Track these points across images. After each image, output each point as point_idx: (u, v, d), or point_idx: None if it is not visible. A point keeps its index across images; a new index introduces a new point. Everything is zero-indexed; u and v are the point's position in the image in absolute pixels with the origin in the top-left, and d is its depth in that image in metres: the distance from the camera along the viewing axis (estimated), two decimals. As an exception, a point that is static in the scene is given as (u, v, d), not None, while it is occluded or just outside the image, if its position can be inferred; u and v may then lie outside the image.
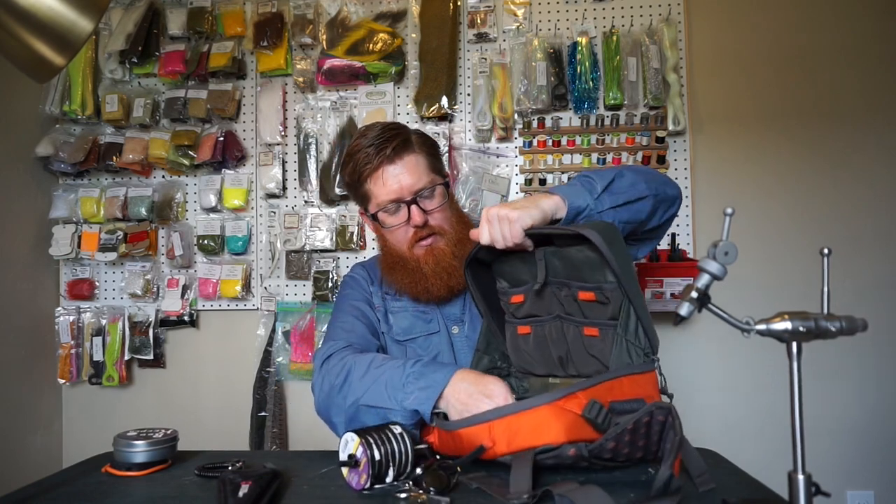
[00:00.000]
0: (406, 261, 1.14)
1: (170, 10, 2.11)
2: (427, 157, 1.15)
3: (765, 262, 1.93)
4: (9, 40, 0.81)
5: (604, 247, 0.85)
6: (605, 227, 0.89)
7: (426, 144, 1.17)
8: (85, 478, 0.86)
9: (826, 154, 1.95)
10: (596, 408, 0.77)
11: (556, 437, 0.77)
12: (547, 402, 0.78)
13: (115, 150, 2.08)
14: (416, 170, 1.12)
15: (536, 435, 0.78)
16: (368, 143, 1.12)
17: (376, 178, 1.12)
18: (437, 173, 1.16)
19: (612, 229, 0.91)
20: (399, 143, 1.12)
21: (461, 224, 1.16)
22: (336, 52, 2.01)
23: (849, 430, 1.90)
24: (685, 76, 1.95)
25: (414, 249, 1.13)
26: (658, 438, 0.76)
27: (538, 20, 2.02)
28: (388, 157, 1.11)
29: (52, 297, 2.15)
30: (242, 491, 0.71)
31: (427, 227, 1.12)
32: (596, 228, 0.87)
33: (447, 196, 1.16)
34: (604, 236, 0.86)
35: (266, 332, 2.05)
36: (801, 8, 1.97)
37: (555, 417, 0.77)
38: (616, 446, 0.76)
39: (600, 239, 0.85)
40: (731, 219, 0.63)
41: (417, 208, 1.11)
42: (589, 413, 0.76)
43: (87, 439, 2.09)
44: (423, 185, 1.12)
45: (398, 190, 1.11)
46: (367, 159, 1.12)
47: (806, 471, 0.60)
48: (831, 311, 0.62)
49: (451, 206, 1.17)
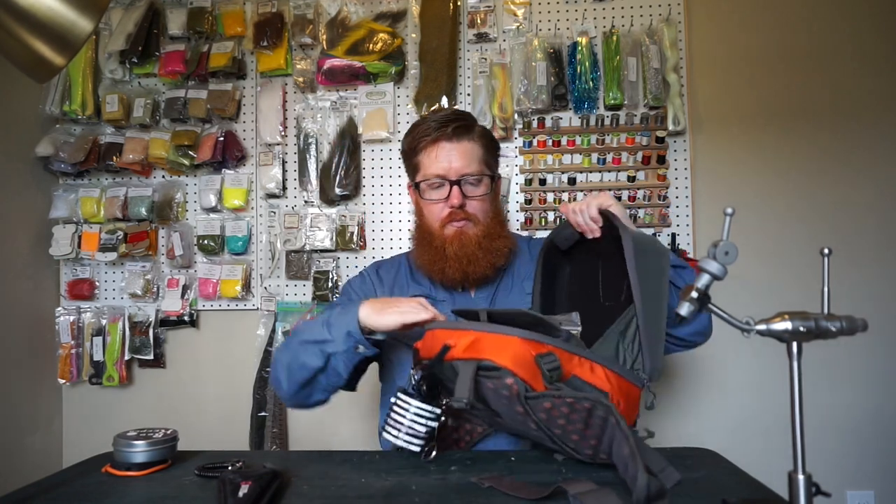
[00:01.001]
0: (433, 237, 1.18)
1: (170, 10, 2.11)
2: (483, 149, 1.19)
3: (765, 262, 1.93)
4: (9, 40, 0.81)
5: (630, 254, 0.90)
6: (651, 243, 0.95)
7: (486, 138, 1.22)
8: (85, 478, 0.86)
9: (826, 154, 1.95)
10: (550, 360, 0.79)
11: (503, 360, 0.78)
12: (520, 336, 0.81)
13: (115, 150, 2.08)
14: (469, 155, 1.16)
15: (492, 353, 0.80)
16: (433, 119, 1.18)
17: (429, 151, 1.17)
18: (487, 166, 1.20)
19: (660, 250, 0.95)
20: (461, 126, 1.17)
21: (496, 221, 1.19)
22: (336, 52, 2.01)
23: (849, 430, 1.90)
24: (685, 76, 1.95)
25: (445, 229, 1.17)
26: (604, 437, 0.77)
27: (538, 20, 2.02)
28: (447, 135, 1.15)
29: (52, 297, 2.15)
30: (242, 491, 0.71)
31: (462, 211, 1.16)
32: (643, 241, 0.93)
33: (491, 190, 1.19)
34: (641, 247, 0.91)
35: (266, 332, 2.05)
36: (802, 7, 1.97)
37: (513, 347, 0.80)
38: (552, 412, 0.77)
39: (632, 246, 0.91)
40: (731, 219, 0.63)
41: (458, 189, 1.15)
42: (541, 360, 0.79)
43: (87, 439, 2.09)
44: (471, 171, 1.16)
45: (446, 168, 1.15)
46: (427, 132, 1.17)
47: (806, 471, 0.60)
48: (831, 311, 0.62)
49: (493, 201, 1.21)
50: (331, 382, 1.06)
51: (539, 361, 0.79)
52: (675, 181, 1.94)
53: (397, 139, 2.05)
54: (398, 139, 2.05)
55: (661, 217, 1.92)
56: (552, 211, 1.95)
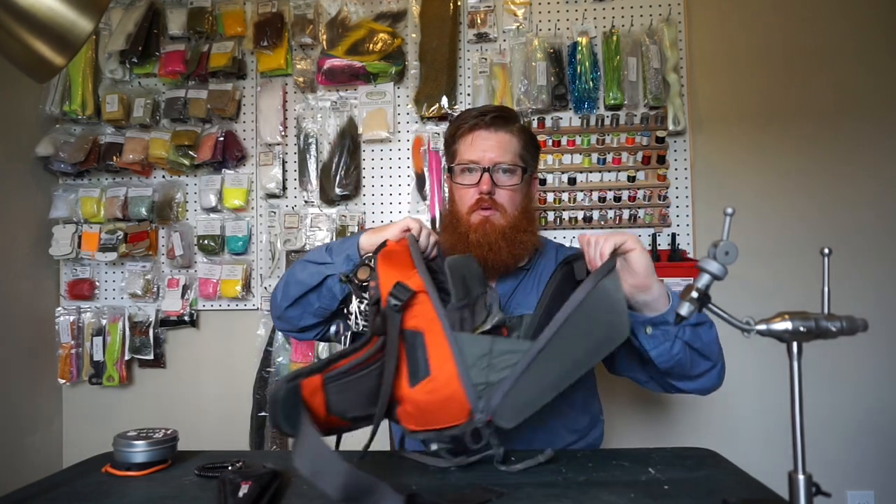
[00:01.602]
0: (459, 223, 1.18)
1: (170, 10, 2.11)
2: (520, 143, 1.20)
3: (765, 262, 1.93)
4: (9, 40, 0.81)
5: (574, 303, 0.83)
6: (608, 313, 0.84)
7: (526, 134, 1.23)
8: (85, 478, 0.86)
9: (827, 154, 1.95)
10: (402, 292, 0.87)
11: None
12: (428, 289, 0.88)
13: (115, 150, 2.08)
14: (504, 145, 1.18)
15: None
16: (476, 110, 1.21)
17: (467, 138, 1.19)
18: (522, 160, 1.20)
19: (611, 324, 0.85)
20: (500, 118, 1.19)
21: (524, 215, 1.19)
22: (336, 52, 2.01)
23: (849, 430, 1.90)
24: (685, 76, 1.95)
25: (471, 216, 1.17)
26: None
27: (538, 20, 2.02)
28: (485, 124, 1.18)
29: (53, 297, 2.15)
30: (242, 491, 0.71)
31: (491, 199, 1.16)
32: (600, 306, 0.84)
33: (522, 181, 1.20)
34: (592, 307, 0.83)
35: (266, 332, 2.05)
36: (803, 6, 1.97)
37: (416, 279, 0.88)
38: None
39: (581, 298, 0.83)
40: (731, 219, 0.63)
41: (489, 177, 1.16)
42: (398, 288, 0.87)
43: (87, 439, 2.09)
44: (504, 160, 1.17)
45: (480, 155, 1.17)
46: (467, 119, 1.20)
47: (806, 471, 0.60)
48: (832, 311, 0.62)
49: (525, 194, 1.22)
50: (323, 305, 1.12)
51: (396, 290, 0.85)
52: (675, 181, 1.94)
53: (397, 139, 2.05)
54: (398, 139, 2.05)
55: (661, 217, 1.92)
56: (552, 211, 1.95)
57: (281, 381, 0.81)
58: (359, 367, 0.84)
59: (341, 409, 0.84)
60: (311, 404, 0.81)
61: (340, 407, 0.84)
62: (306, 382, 0.81)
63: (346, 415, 0.85)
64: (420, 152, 2.01)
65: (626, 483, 0.77)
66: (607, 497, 0.71)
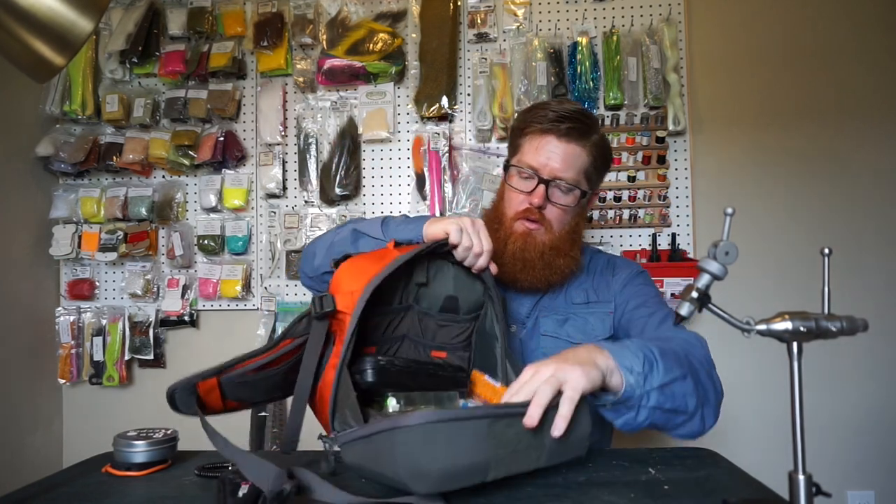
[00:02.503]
0: (501, 226, 1.11)
1: (170, 10, 2.11)
2: (590, 160, 1.10)
3: (765, 262, 1.93)
4: (9, 40, 0.81)
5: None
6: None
7: (600, 150, 1.11)
8: (85, 478, 0.86)
9: (827, 154, 1.95)
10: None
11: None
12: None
13: (115, 150, 2.08)
14: (571, 161, 1.08)
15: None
16: (555, 108, 1.09)
17: (534, 139, 1.09)
18: (587, 179, 1.11)
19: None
20: (576, 128, 1.07)
21: (570, 237, 1.11)
22: (336, 52, 2.01)
23: (849, 430, 1.90)
24: (685, 76, 1.95)
25: (515, 223, 1.09)
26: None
27: (538, 20, 2.02)
28: (558, 131, 1.07)
29: (53, 297, 2.15)
30: (242, 491, 0.71)
31: (540, 213, 1.08)
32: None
33: (579, 205, 1.11)
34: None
35: (266, 332, 2.05)
36: (804, 6, 1.97)
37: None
38: None
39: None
40: (731, 219, 0.63)
41: (545, 190, 1.07)
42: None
43: (87, 439, 2.09)
44: (567, 177, 1.07)
45: (543, 164, 1.07)
46: (541, 119, 1.08)
47: (806, 471, 0.60)
48: (832, 311, 0.62)
49: (577, 216, 1.13)
50: None
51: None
52: (675, 181, 1.94)
53: (397, 139, 2.05)
54: (398, 139, 2.05)
55: (661, 217, 1.92)
56: (552, 211, 1.95)
57: (179, 382, 0.83)
58: (262, 369, 0.85)
59: (240, 398, 0.87)
60: (208, 400, 0.85)
61: (239, 397, 0.87)
62: (203, 384, 0.83)
63: (249, 401, 0.88)
64: (420, 152, 2.01)
65: (626, 483, 0.77)
66: (607, 497, 0.71)
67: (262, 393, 0.88)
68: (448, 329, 0.97)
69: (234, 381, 0.85)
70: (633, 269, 1.20)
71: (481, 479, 0.67)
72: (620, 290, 1.16)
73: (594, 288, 1.18)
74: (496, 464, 0.67)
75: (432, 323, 0.96)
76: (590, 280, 1.19)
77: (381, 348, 0.94)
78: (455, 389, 0.88)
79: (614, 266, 1.21)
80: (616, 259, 1.24)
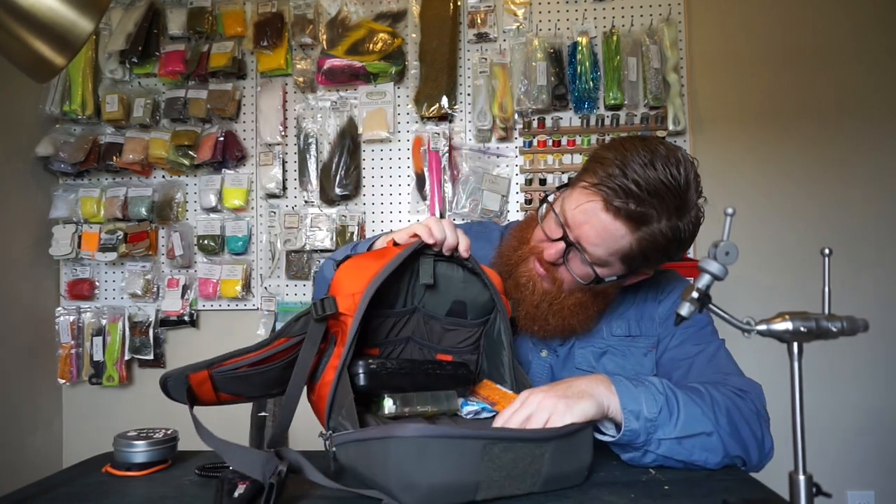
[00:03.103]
0: (514, 252, 0.98)
1: (170, 10, 2.11)
2: (633, 249, 0.89)
3: (765, 262, 1.93)
4: (9, 40, 0.81)
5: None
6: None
7: (653, 244, 0.90)
8: (85, 478, 0.86)
9: (827, 153, 1.95)
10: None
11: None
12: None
13: (115, 150, 2.08)
14: (608, 240, 0.88)
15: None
16: (634, 174, 0.85)
17: (584, 199, 0.88)
18: (624, 264, 0.91)
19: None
20: (635, 214, 0.86)
21: (575, 310, 0.95)
22: (336, 52, 2.01)
23: (849, 431, 1.90)
24: (685, 76, 1.95)
25: (532, 260, 0.95)
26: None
27: (538, 20, 2.02)
28: (611, 207, 0.85)
29: (53, 297, 2.15)
30: (238, 491, 0.71)
31: (551, 269, 0.93)
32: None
33: (592, 282, 0.92)
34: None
35: (266, 332, 2.05)
36: (804, 6, 1.97)
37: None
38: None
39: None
40: (731, 219, 0.63)
41: (563, 250, 0.90)
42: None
43: (87, 439, 2.09)
44: (593, 253, 0.89)
45: (578, 224, 0.88)
46: (609, 180, 0.86)
47: (807, 471, 0.60)
48: (832, 312, 0.62)
49: (590, 292, 0.95)
50: None
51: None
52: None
53: (397, 139, 2.05)
54: (398, 139, 2.05)
55: (661, 217, 1.92)
56: (552, 211, 1.95)
57: (172, 371, 0.85)
58: (255, 365, 0.85)
59: (233, 392, 0.88)
60: (200, 392, 0.86)
61: (232, 391, 0.87)
62: (194, 376, 0.85)
63: (243, 395, 0.89)
64: (420, 152, 2.01)
65: (626, 483, 0.77)
66: (607, 497, 0.71)
67: (257, 388, 0.88)
68: (455, 333, 0.95)
69: (225, 376, 0.86)
70: (679, 294, 1.01)
71: (471, 498, 0.67)
72: (663, 321, 1.01)
73: (637, 318, 1.02)
74: (488, 485, 0.67)
75: (438, 326, 0.95)
76: (634, 307, 1.03)
77: (384, 350, 0.93)
78: (455, 387, 0.88)
79: (659, 289, 1.04)
80: (663, 279, 1.05)
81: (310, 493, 0.75)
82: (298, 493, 0.75)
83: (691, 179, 0.92)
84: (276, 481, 0.67)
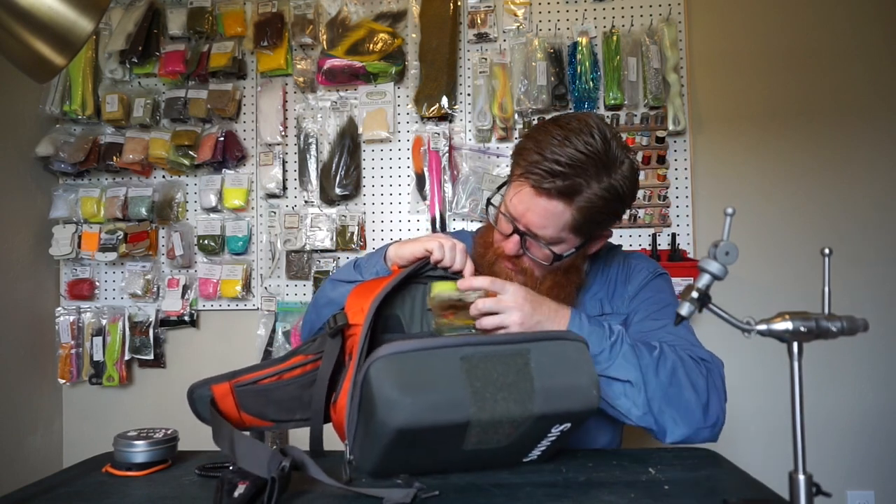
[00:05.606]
0: (489, 262, 1.03)
1: (170, 10, 2.11)
2: (579, 218, 0.94)
3: (765, 262, 1.93)
4: (9, 40, 0.81)
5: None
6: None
7: (594, 208, 0.94)
8: (85, 478, 0.86)
9: (826, 154, 1.95)
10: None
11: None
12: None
13: (115, 150, 2.08)
14: (553, 219, 0.93)
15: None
16: (554, 157, 0.90)
17: (520, 185, 0.94)
18: (575, 234, 0.96)
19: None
20: (564, 189, 0.91)
21: (554, 291, 0.99)
22: (336, 52, 2.01)
23: (849, 430, 1.90)
24: (685, 76, 1.95)
25: (500, 260, 1.01)
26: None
27: (538, 20, 2.02)
28: (543, 190, 0.92)
29: (53, 297, 2.15)
30: (238, 491, 0.71)
31: (516, 262, 0.99)
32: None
33: (555, 261, 0.98)
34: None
35: (266, 332, 2.05)
36: (802, 6, 1.97)
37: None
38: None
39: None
40: (731, 219, 0.63)
41: (519, 241, 0.96)
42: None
43: (87, 439, 2.09)
44: (544, 234, 0.95)
45: (521, 214, 0.95)
46: (531, 166, 0.92)
47: (806, 471, 0.60)
48: (832, 312, 0.62)
49: (560, 271, 1.00)
50: None
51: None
52: (675, 181, 1.94)
53: (397, 139, 2.05)
54: (398, 139, 2.05)
55: (661, 217, 1.92)
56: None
57: (196, 382, 0.85)
58: (273, 380, 0.87)
59: (256, 412, 0.88)
60: (223, 406, 0.86)
61: (254, 410, 0.88)
62: (216, 387, 0.85)
63: (265, 417, 0.89)
64: (420, 152, 2.01)
65: (626, 483, 0.77)
66: (607, 497, 0.71)
67: (278, 407, 0.89)
68: None
69: (246, 390, 0.87)
70: (645, 276, 1.09)
71: (465, 414, 0.66)
72: (631, 299, 1.08)
73: (609, 297, 1.09)
74: (480, 401, 0.67)
75: None
76: (605, 289, 1.10)
77: None
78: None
79: (629, 271, 1.11)
80: (632, 261, 1.13)
81: (312, 491, 0.75)
82: (301, 490, 0.75)
83: (609, 138, 0.94)
84: (279, 476, 0.67)
